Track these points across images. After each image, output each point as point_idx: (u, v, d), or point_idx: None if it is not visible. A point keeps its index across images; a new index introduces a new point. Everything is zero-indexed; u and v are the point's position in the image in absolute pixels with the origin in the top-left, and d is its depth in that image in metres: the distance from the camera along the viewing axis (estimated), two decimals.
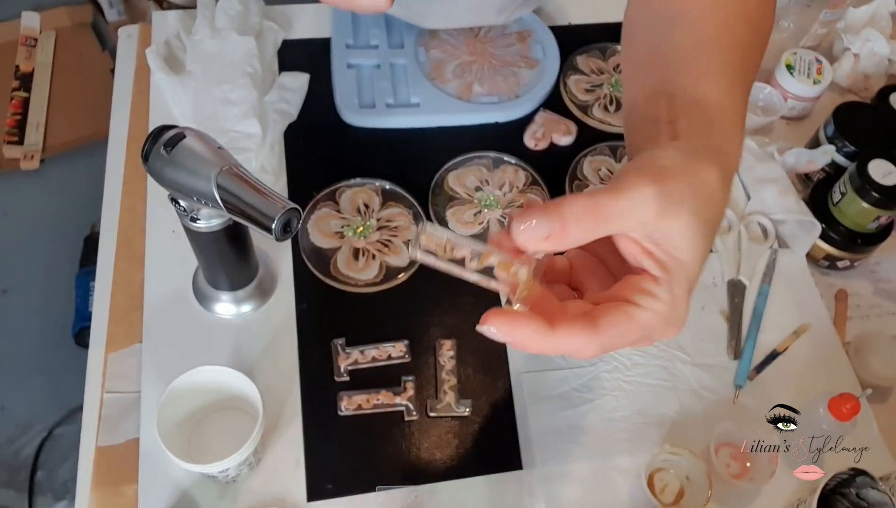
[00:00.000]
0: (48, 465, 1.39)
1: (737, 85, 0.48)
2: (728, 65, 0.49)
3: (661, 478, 0.64)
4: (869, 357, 0.72)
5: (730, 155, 0.45)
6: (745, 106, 0.49)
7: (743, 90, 0.49)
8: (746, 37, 0.51)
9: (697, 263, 0.39)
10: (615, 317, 0.38)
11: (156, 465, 0.61)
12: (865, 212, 0.73)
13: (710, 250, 0.40)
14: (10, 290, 1.59)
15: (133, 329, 0.67)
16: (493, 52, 0.88)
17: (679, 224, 0.38)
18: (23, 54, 1.82)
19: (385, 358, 0.67)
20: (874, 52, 0.91)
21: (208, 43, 0.80)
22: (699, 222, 0.38)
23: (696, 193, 0.39)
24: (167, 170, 0.53)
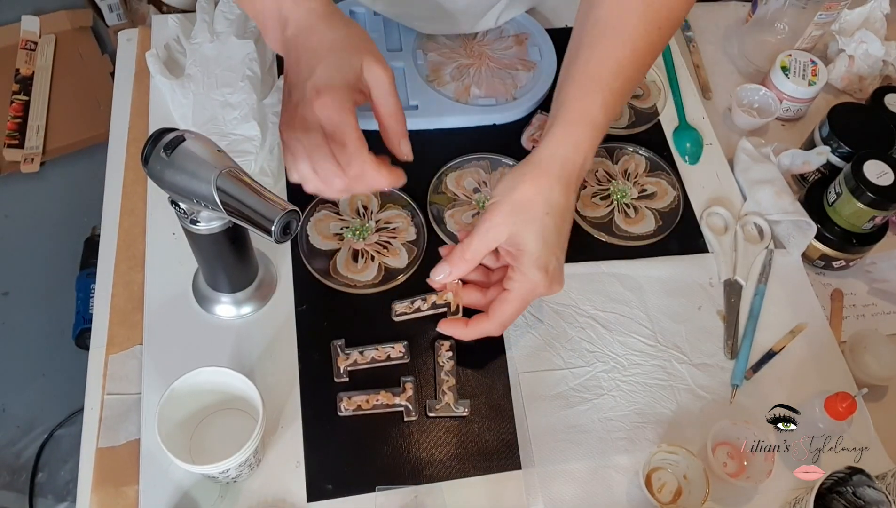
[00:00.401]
0: (49, 467, 1.40)
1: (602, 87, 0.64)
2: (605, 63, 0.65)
3: (658, 477, 0.64)
4: (864, 357, 0.73)
5: (570, 161, 0.63)
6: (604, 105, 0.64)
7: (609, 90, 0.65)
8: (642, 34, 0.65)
9: (544, 246, 0.61)
10: (497, 304, 0.63)
11: (157, 466, 0.61)
12: (860, 212, 0.74)
13: (560, 227, 0.63)
14: (11, 292, 1.59)
15: (134, 331, 0.68)
16: (490, 55, 0.88)
17: (522, 235, 0.61)
18: (23, 58, 1.83)
19: (384, 359, 0.68)
20: (868, 54, 0.91)
21: (208, 46, 0.81)
22: (535, 226, 0.61)
23: (528, 210, 0.62)
24: (167, 173, 0.53)
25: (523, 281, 0.62)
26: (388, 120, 0.64)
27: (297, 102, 0.60)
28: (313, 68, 0.60)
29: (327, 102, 0.58)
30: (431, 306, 0.70)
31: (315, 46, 0.62)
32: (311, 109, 0.59)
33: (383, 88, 0.63)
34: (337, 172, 0.59)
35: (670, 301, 0.74)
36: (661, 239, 0.78)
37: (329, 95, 0.59)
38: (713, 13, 1.02)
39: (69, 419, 1.43)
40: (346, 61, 0.61)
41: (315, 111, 0.59)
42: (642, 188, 0.81)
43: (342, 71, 0.61)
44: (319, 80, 0.59)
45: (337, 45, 0.62)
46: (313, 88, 0.59)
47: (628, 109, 0.87)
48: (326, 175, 0.60)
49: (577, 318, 0.72)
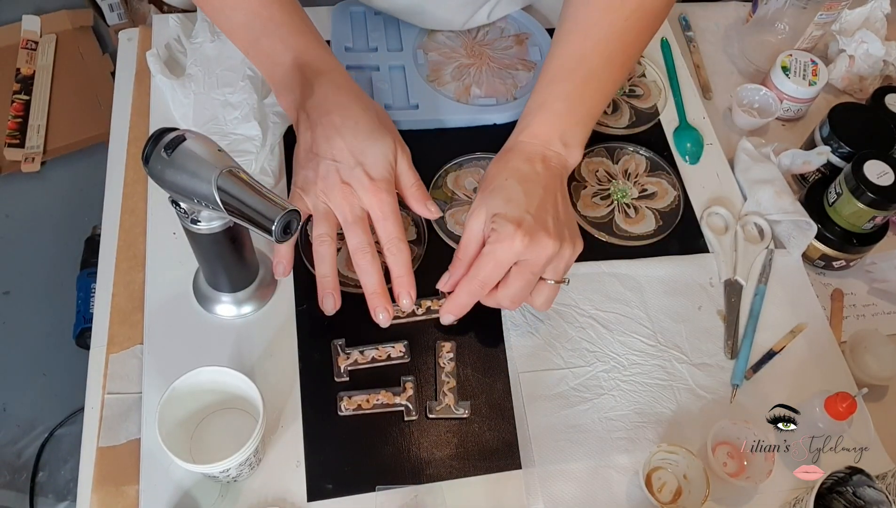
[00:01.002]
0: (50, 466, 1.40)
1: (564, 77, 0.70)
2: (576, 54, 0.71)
3: (658, 477, 0.65)
4: (864, 357, 0.73)
5: (528, 143, 0.69)
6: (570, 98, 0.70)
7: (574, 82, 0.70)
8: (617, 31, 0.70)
9: (508, 203, 0.64)
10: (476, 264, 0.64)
11: (157, 465, 0.61)
12: (861, 212, 0.74)
13: (528, 190, 0.65)
14: (11, 291, 1.59)
15: (134, 330, 0.68)
16: (490, 55, 0.88)
17: (490, 204, 0.64)
18: (24, 58, 1.83)
19: (385, 359, 0.68)
20: (869, 54, 0.91)
21: (208, 46, 0.81)
22: (498, 192, 0.65)
23: (491, 183, 0.66)
24: (168, 172, 0.54)
25: (496, 237, 0.62)
26: (412, 190, 0.70)
27: (337, 180, 0.66)
28: (359, 152, 0.66)
29: (384, 194, 0.66)
30: (426, 310, 0.70)
31: (352, 127, 0.67)
32: (366, 196, 0.66)
33: (406, 166, 0.70)
34: (371, 243, 0.66)
35: (670, 301, 0.74)
36: (661, 239, 0.78)
37: (386, 187, 0.66)
38: (713, 13, 1.02)
39: (70, 418, 1.43)
40: (387, 148, 0.68)
41: (372, 199, 0.66)
42: (643, 188, 0.81)
43: (388, 158, 0.68)
44: (372, 169, 0.66)
45: (375, 130, 0.68)
46: (367, 176, 0.66)
47: (629, 109, 0.87)
48: (359, 245, 0.66)
49: (578, 318, 0.72)
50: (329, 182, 0.66)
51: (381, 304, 0.65)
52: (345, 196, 0.65)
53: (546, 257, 0.63)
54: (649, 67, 0.91)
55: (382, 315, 0.66)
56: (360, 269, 0.66)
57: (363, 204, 0.66)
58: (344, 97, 0.69)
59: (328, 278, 0.66)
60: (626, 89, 0.89)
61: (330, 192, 0.66)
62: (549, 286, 0.65)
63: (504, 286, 0.64)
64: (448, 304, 0.66)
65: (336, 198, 0.66)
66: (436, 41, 0.89)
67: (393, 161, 0.68)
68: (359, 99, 0.70)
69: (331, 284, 0.66)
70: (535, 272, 0.63)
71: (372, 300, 0.66)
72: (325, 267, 0.66)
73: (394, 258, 0.66)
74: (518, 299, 0.64)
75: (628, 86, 0.89)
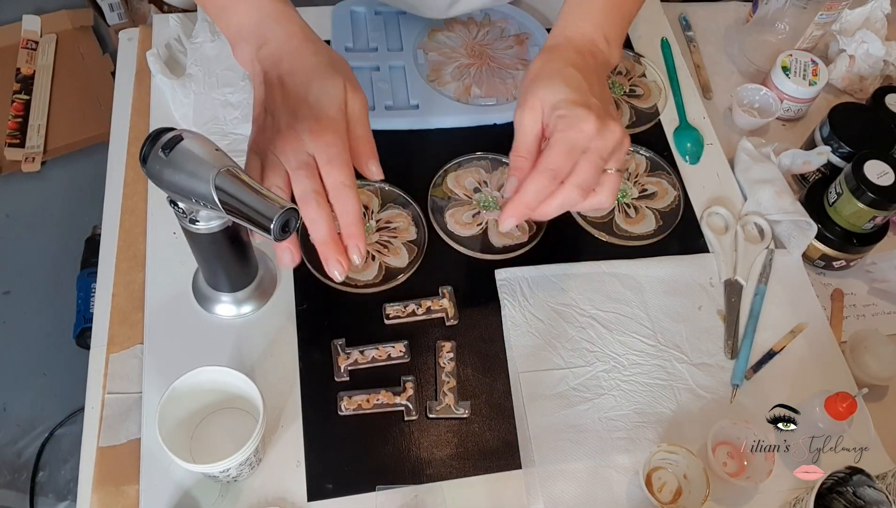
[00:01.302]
0: (50, 466, 1.40)
1: None
2: None
3: (658, 477, 0.65)
4: (865, 357, 0.73)
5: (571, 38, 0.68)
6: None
7: None
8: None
9: (574, 89, 0.62)
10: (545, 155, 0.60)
11: (157, 465, 0.61)
12: (861, 212, 0.74)
13: (587, 77, 0.63)
14: (12, 291, 1.59)
15: (134, 330, 0.68)
16: (491, 55, 0.88)
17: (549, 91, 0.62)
18: (24, 57, 1.83)
19: (385, 358, 0.68)
20: (869, 54, 0.91)
21: (208, 46, 0.81)
22: (556, 79, 0.63)
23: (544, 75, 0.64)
24: (166, 172, 0.53)
25: (566, 123, 0.59)
26: (359, 143, 0.64)
27: (284, 124, 0.61)
28: (304, 94, 0.61)
29: (330, 137, 0.60)
30: (426, 310, 0.70)
31: (300, 70, 0.62)
32: (311, 138, 0.60)
33: (359, 114, 0.64)
34: (319, 190, 0.59)
35: (671, 301, 0.74)
36: (661, 239, 0.78)
37: (331, 128, 0.60)
38: (714, 13, 1.02)
39: (70, 418, 1.43)
40: (336, 88, 0.62)
41: (315, 141, 0.60)
42: (643, 188, 0.81)
43: (336, 100, 0.62)
44: (318, 109, 0.61)
45: (324, 71, 0.63)
46: (313, 118, 0.60)
47: (629, 108, 0.87)
48: (304, 192, 0.59)
49: (578, 318, 0.72)
50: (275, 131, 0.61)
51: (332, 256, 0.59)
52: (289, 142, 0.60)
53: (614, 142, 0.60)
54: (650, 66, 0.91)
55: (336, 270, 0.59)
56: (307, 219, 0.59)
57: (308, 149, 0.60)
58: (295, 42, 0.64)
59: (328, 244, 0.60)
60: (627, 89, 0.89)
61: (276, 140, 0.61)
62: (613, 176, 0.62)
63: (574, 175, 0.59)
64: (511, 206, 0.60)
65: (280, 144, 0.60)
66: (436, 41, 0.89)
67: (342, 103, 0.62)
68: (310, 42, 0.65)
69: (333, 248, 0.60)
70: (604, 158, 0.60)
71: (323, 251, 0.59)
72: (321, 230, 0.59)
73: (341, 206, 0.60)
74: (589, 186, 0.60)
75: (628, 86, 0.89)
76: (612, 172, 0.61)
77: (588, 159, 0.60)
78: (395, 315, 0.70)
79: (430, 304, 0.71)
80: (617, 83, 0.89)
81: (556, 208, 0.61)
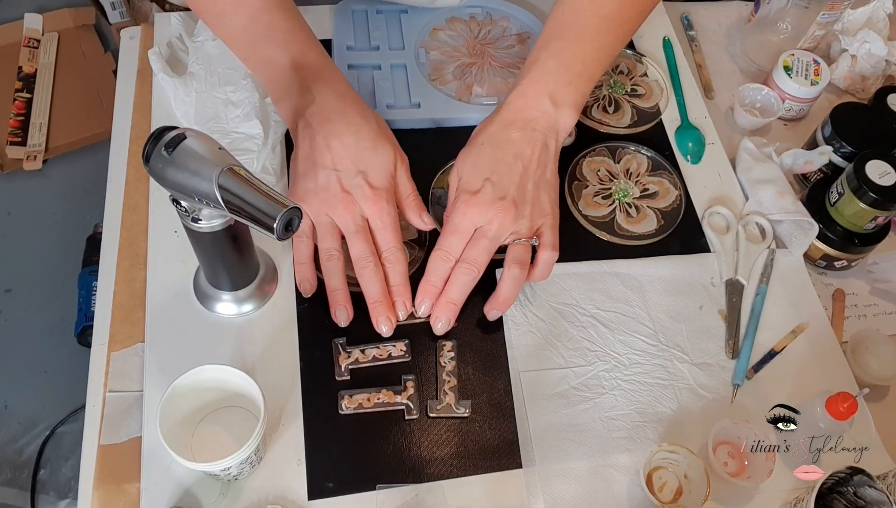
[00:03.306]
0: (51, 463, 1.40)
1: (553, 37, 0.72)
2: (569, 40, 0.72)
3: (659, 476, 0.65)
4: (866, 357, 0.72)
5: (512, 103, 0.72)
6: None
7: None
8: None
9: (472, 170, 0.68)
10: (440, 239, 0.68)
11: (158, 463, 0.61)
12: (862, 212, 0.74)
13: (497, 156, 0.68)
14: (13, 289, 1.60)
15: (135, 329, 0.68)
16: (492, 54, 0.88)
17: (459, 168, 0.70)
18: (25, 56, 1.83)
19: (386, 357, 0.68)
20: (871, 54, 0.91)
21: (210, 45, 0.81)
22: (469, 155, 0.70)
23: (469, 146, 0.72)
24: (168, 171, 0.54)
25: (455, 204, 0.67)
26: (409, 200, 0.71)
27: (337, 187, 0.66)
28: (359, 161, 0.67)
29: (384, 203, 0.67)
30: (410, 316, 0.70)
31: (352, 136, 0.68)
32: (367, 204, 0.66)
33: (405, 176, 0.71)
34: (372, 251, 0.67)
35: (672, 301, 0.74)
36: (662, 238, 0.78)
37: (386, 196, 0.67)
38: (716, 12, 1.02)
39: (71, 416, 1.43)
40: (388, 156, 0.68)
41: (371, 207, 0.66)
42: (644, 188, 0.81)
43: (388, 168, 0.69)
44: (373, 177, 0.67)
45: (377, 139, 0.69)
46: (367, 185, 0.67)
47: (630, 108, 0.87)
48: (361, 254, 0.66)
49: (579, 317, 0.72)
50: (330, 192, 0.66)
51: (383, 313, 0.67)
52: (346, 206, 0.66)
53: (499, 224, 0.66)
54: (651, 66, 0.91)
55: (385, 326, 0.67)
56: (363, 279, 0.67)
57: (363, 213, 0.67)
58: (345, 105, 0.69)
59: (339, 292, 0.67)
60: (628, 89, 0.89)
61: (332, 202, 0.66)
62: (519, 247, 0.68)
63: (463, 255, 0.67)
64: (420, 292, 0.68)
65: (338, 208, 0.66)
66: (437, 40, 0.89)
67: (393, 170, 0.69)
68: (359, 107, 0.70)
69: (342, 296, 0.67)
70: (490, 239, 0.66)
71: (375, 310, 0.67)
72: (336, 281, 0.67)
73: (391, 268, 0.67)
74: (478, 264, 0.66)
75: (630, 85, 0.89)
76: (520, 243, 0.68)
77: (476, 238, 0.67)
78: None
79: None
80: (618, 82, 0.89)
81: (457, 289, 0.67)
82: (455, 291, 0.67)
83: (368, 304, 0.67)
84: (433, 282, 0.67)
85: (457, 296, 0.67)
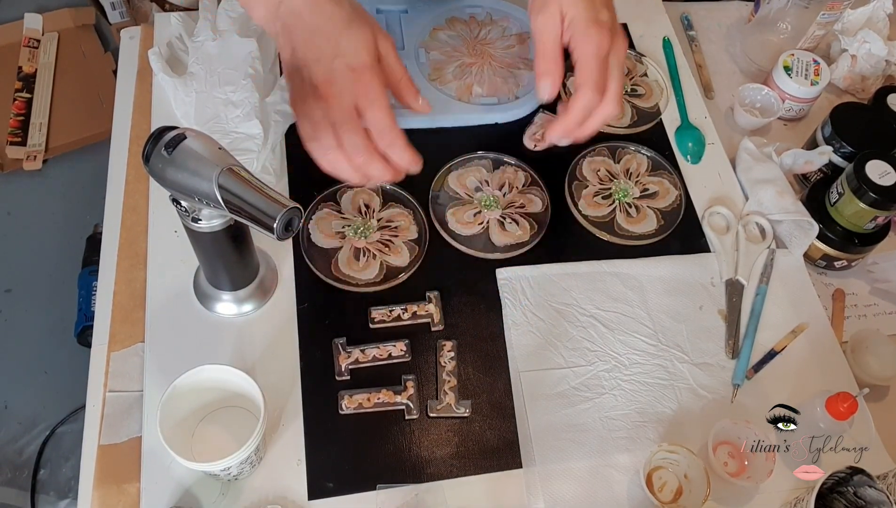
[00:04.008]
0: (51, 463, 1.40)
1: None
2: None
3: (659, 476, 0.65)
4: (866, 357, 0.73)
5: None
6: None
7: None
8: None
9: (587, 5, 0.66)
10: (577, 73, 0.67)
11: (158, 463, 0.61)
12: (862, 212, 0.74)
13: None
14: (13, 289, 1.60)
15: (135, 329, 0.68)
16: (492, 54, 0.88)
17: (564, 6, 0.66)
18: (25, 56, 1.83)
19: (386, 357, 0.68)
20: (871, 54, 0.91)
21: (210, 45, 0.81)
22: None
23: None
24: (168, 171, 0.54)
25: (583, 40, 0.66)
26: (402, 83, 0.68)
27: (321, 78, 0.62)
28: (335, 45, 0.63)
29: (367, 80, 0.62)
30: (412, 315, 0.70)
31: (325, 23, 0.64)
32: (349, 86, 0.62)
33: (392, 56, 0.67)
34: (366, 145, 0.62)
35: (672, 301, 0.74)
36: (662, 238, 0.78)
37: (368, 73, 0.63)
38: (716, 12, 1.02)
39: (71, 416, 1.43)
40: (366, 37, 0.64)
41: (356, 88, 0.62)
42: (644, 188, 0.81)
43: (368, 47, 0.64)
44: (351, 58, 0.63)
45: (350, 21, 0.64)
46: (347, 67, 0.62)
47: (630, 108, 0.87)
48: (354, 147, 0.62)
49: (579, 317, 0.72)
50: (318, 88, 0.63)
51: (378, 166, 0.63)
52: (333, 95, 0.62)
53: (625, 52, 0.68)
54: (651, 66, 0.91)
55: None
56: (348, 141, 0.62)
57: (349, 98, 0.62)
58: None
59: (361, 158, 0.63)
60: (628, 89, 0.89)
61: (319, 96, 0.63)
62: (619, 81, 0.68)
63: (609, 89, 0.67)
64: (560, 125, 0.69)
65: (329, 101, 0.62)
66: (437, 40, 0.89)
67: (373, 49, 0.64)
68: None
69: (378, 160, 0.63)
70: (622, 70, 0.67)
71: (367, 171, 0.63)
72: (361, 156, 0.62)
73: (390, 149, 0.63)
74: (620, 97, 0.68)
75: (630, 85, 0.89)
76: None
77: (615, 74, 0.66)
78: (381, 319, 0.70)
79: (415, 309, 0.71)
80: None
81: (599, 123, 0.68)
82: (597, 123, 0.69)
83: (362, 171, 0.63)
84: (578, 118, 0.68)
85: (596, 127, 0.69)
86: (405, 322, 0.70)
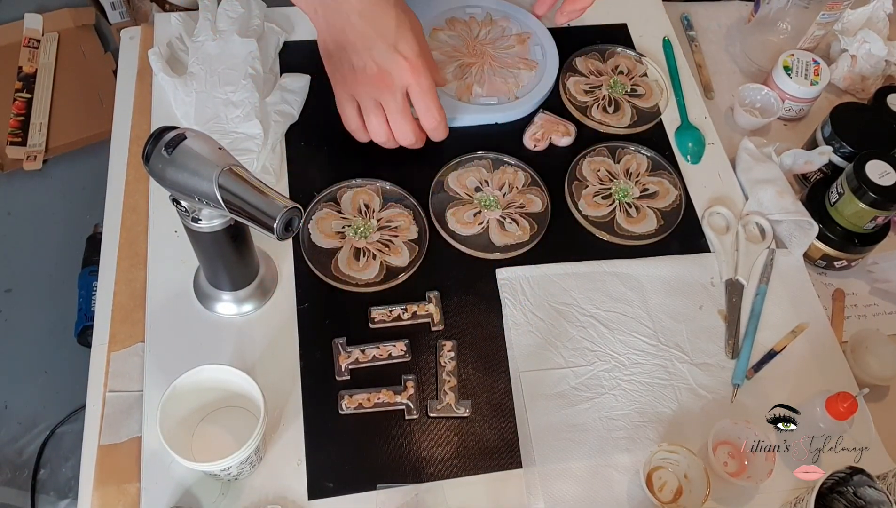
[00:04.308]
0: (51, 463, 1.40)
1: None
2: None
3: (659, 476, 0.65)
4: (866, 357, 0.73)
5: None
6: None
7: None
8: None
9: None
10: None
11: (158, 463, 0.61)
12: (862, 212, 0.74)
13: None
14: (13, 289, 1.59)
15: (135, 328, 0.68)
16: (492, 54, 0.88)
17: None
18: (25, 56, 1.83)
19: (386, 357, 0.68)
20: (871, 54, 0.91)
21: (210, 45, 0.81)
22: None
23: None
24: (168, 171, 0.54)
25: None
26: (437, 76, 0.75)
27: (377, 63, 0.68)
28: (397, 37, 0.68)
29: (426, 72, 0.69)
30: (412, 315, 0.70)
31: (386, 17, 0.68)
32: (405, 74, 0.68)
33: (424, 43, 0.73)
34: (414, 127, 0.72)
35: (671, 301, 0.74)
36: (662, 238, 0.78)
37: (429, 65, 0.70)
38: (715, 12, 1.02)
39: (71, 416, 1.43)
40: (420, 34, 0.71)
41: (409, 79, 0.69)
42: (644, 188, 0.81)
43: (423, 42, 0.71)
44: (415, 50, 0.69)
45: (409, 18, 0.70)
46: (415, 55, 0.69)
47: (630, 108, 0.87)
48: (403, 127, 0.72)
49: (579, 317, 0.72)
50: (368, 73, 0.68)
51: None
52: (387, 84, 0.69)
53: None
54: (651, 66, 0.91)
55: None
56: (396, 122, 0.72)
57: (403, 85, 0.69)
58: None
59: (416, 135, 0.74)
60: (628, 89, 0.89)
61: (373, 83, 0.69)
62: None
63: None
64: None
65: (379, 88, 0.69)
66: (437, 40, 0.89)
67: (421, 37, 0.70)
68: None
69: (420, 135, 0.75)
70: None
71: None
72: (409, 137, 0.74)
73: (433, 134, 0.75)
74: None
75: (630, 85, 0.89)
76: None
77: None
78: (381, 319, 0.70)
79: (415, 309, 0.71)
80: (618, 83, 0.89)
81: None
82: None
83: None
84: None
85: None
86: (405, 322, 0.70)
